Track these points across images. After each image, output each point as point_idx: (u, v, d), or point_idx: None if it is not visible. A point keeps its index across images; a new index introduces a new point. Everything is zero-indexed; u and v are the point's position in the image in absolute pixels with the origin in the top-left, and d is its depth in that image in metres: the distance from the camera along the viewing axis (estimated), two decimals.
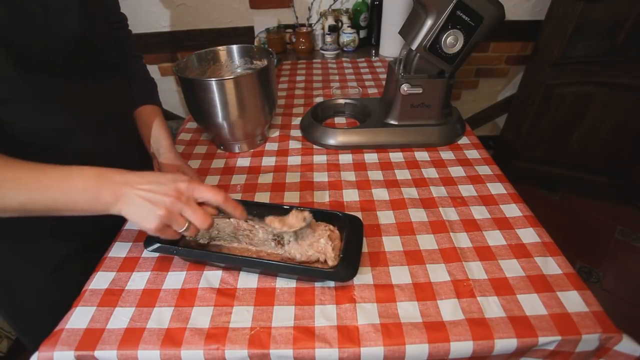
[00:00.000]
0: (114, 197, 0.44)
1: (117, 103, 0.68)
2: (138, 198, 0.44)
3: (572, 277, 0.52)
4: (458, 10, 0.71)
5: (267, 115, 0.83)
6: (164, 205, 0.44)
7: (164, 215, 0.44)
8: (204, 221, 0.46)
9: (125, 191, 0.44)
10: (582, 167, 1.75)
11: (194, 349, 0.45)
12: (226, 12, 1.64)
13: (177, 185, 0.46)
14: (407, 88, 0.79)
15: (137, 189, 0.44)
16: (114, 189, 0.44)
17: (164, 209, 0.44)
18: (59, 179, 0.44)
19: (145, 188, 0.45)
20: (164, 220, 0.44)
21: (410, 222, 0.63)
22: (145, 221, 0.44)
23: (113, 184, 0.45)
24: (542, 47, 1.58)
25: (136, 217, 0.45)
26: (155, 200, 0.44)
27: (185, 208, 0.45)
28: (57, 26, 0.52)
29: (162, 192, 0.45)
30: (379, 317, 0.48)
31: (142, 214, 0.44)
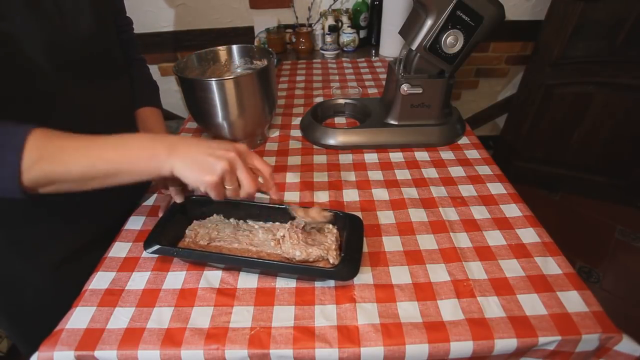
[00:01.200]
0: (168, 153, 0.45)
1: (120, 104, 0.68)
2: (198, 153, 0.46)
3: (572, 277, 0.52)
4: (458, 10, 0.71)
5: (267, 115, 0.83)
6: (227, 158, 0.46)
7: (226, 167, 0.46)
8: (253, 185, 0.48)
9: (180, 147, 0.46)
10: (582, 167, 1.75)
11: (194, 349, 0.45)
12: (226, 12, 1.64)
13: (237, 146, 0.48)
14: (407, 88, 0.79)
15: (195, 145, 0.46)
16: (168, 146, 0.46)
17: (227, 161, 0.46)
18: (114, 143, 0.45)
19: (204, 144, 0.47)
20: (225, 173, 0.46)
21: (410, 222, 0.63)
22: (206, 173, 0.45)
23: (167, 142, 0.46)
24: (542, 47, 1.58)
25: (194, 171, 0.45)
26: (218, 154, 0.46)
27: (241, 166, 0.47)
28: (70, 27, 0.53)
29: (223, 147, 0.47)
30: (379, 317, 0.48)
31: (202, 166, 0.45)
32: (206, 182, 0.46)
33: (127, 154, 0.45)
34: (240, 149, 0.48)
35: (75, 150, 0.44)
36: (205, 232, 0.60)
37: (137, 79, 0.75)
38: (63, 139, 0.44)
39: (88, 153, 0.44)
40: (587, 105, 1.58)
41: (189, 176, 0.46)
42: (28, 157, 0.40)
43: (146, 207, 0.69)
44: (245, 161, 0.48)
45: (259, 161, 0.50)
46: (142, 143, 0.46)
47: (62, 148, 0.43)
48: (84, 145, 0.44)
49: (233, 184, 0.48)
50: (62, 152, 0.43)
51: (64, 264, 0.62)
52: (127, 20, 0.77)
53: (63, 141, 0.43)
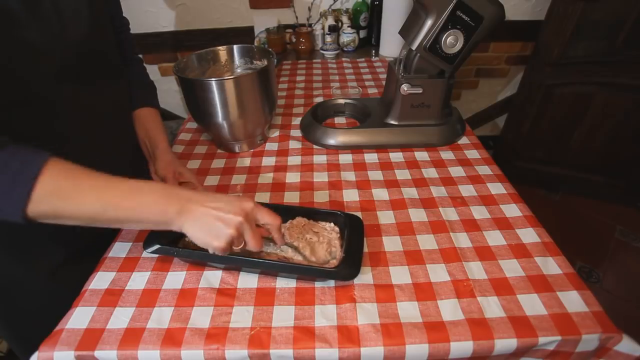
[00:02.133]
0: (179, 211, 0.45)
1: (118, 105, 0.68)
2: (206, 216, 0.45)
3: (572, 277, 0.52)
4: (458, 10, 0.71)
5: (267, 115, 0.83)
6: (235, 225, 0.46)
7: (234, 234, 0.46)
8: (258, 246, 0.48)
9: (191, 207, 0.45)
10: (582, 167, 1.75)
11: (194, 349, 0.45)
12: (226, 12, 1.64)
13: (243, 205, 0.47)
14: (407, 88, 0.79)
15: (205, 206, 0.46)
16: (180, 204, 0.45)
17: (234, 228, 0.46)
18: (131, 191, 0.45)
19: (213, 206, 0.46)
20: (233, 238, 0.46)
21: (410, 222, 0.63)
22: (214, 239, 0.45)
23: (179, 198, 0.46)
24: (542, 47, 1.58)
25: (203, 234, 0.45)
26: (226, 219, 0.45)
27: (248, 229, 0.47)
28: (69, 30, 0.53)
29: (232, 212, 0.46)
30: (379, 317, 0.48)
31: (210, 231, 0.45)
32: (214, 247, 0.46)
33: (140, 206, 0.44)
34: (247, 210, 0.47)
35: (90, 192, 0.43)
36: None
37: (134, 80, 0.75)
38: (79, 177, 0.43)
39: (102, 197, 0.43)
40: (587, 105, 1.58)
41: (197, 239, 0.46)
42: (40, 189, 0.39)
43: None
44: (252, 221, 0.48)
45: (266, 217, 0.50)
46: (156, 196, 0.45)
47: (77, 187, 0.42)
48: (98, 187, 0.43)
49: (240, 245, 0.48)
50: (77, 191, 0.42)
51: (61, 268, 0.62)
52: (124, 21, 0.76)
53: (78, 179, 0.43)
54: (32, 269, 0.61)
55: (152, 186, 0.46)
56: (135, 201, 0.44)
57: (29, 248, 0.60)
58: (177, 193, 0.47)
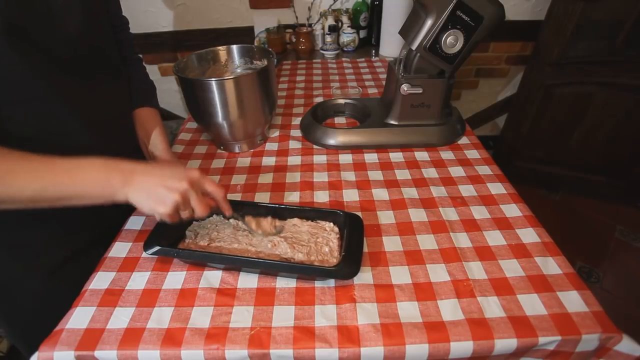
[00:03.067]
0: (123, 182, 0.46)
1: (118, 105, 0.68)
2: (151, 184, 0.47)
3: (572, 277, 0.52)
4: (458, 10, 0.71)
5: (267, 115, 0.83)
6: (179, 191, 0.47)
7: (179, 200, 0.47)
8: (205, 210, 0.50)
9: (135, 177, 0.47)
10: (582, 167, 1.75)
11: (194, 349, 0.45)
12: (226, 12, 1.64)
13: (190, 174, 0.50)
14: (407, 88, 0.79)
15: (150, 175, 0.48)
16: (123, 175, 0.47)
17: (179, 193, 0.47)
18: (69, 168, 0.46)
19: (158, 174, 0.48)
20: (178, 205, 0.48)
21: (410, 222, 0.63)
22: (159, 204, 0.47)
23: (122, 170, 0.47)
24: (542, 47, 1.58)
25: (149, 201, 0.47)
26: (170, 186, 0.47)
27: (194, 196, 0.49)
28: (60, 26, 0.53)
29: (176, 178, 0.48)
30: (379, 317, 0.48)
31: (156, 198, 0.47)
32: (160, 213, 0.48)
33: (81, 179, 0.46)
34: (192, 178, 0.49)
35: (26, 174, 0.44)
36: (205, 232, 0.60)
37: (134, 79, 0.75)
38: (13, 160, 0.44)
39: (40, 176, 0.44)
40: (587, 105, 1.58)
41: (143, 206, 0.48)
42: None
43: None
44: (198, 189, 0.50)
45: (212, 186, 0.52)
46: (96, 170, 0.47)
47: (11, 171, 0.43)
48: (36, 167, 0.44)
49: (186, 210, 0.50)
50: (11, 175, 0.43)
51: (61, 267, 0.62)
52: (123, 20, 0.76)
53: (12, 163, 0.44)
54: (31, 268, 0.61)
55: (92, 161, 0.47)
56: (75, 176, 0.46)
57: (29, 247, 0.60)
58: (119, 165, 0.48)
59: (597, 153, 1.66)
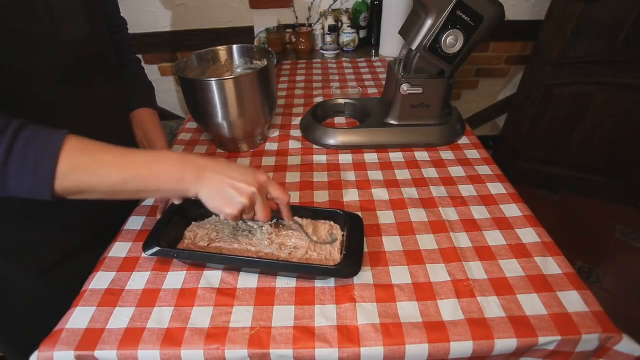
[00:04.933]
0: (196, 179, 0.47)
1: (116, 106, 0.68)
2: (222, 184, 0.47)
3: (572, 277, 0.52)
4: (458, 10, 0.71)
5: (267, 115, 0.83)
6: (248, 194, 0.48)
7: (246, 203, 0.47)
8: (267, 218, 0.51)
9: (207, 175, 0.47)
10: (582, 167, 1.75)
11: (194, 349, 0.45)
12: (226, 12, 1.64)
13: (258, 177, 0.49)
14: (407, 88, 0.79)
15: (221, 174, 0.47)
16: (196, 171, 0.47)
17: (248, 197, 0.47)
18: (148, 162, 0.46)
19: (229, 175, 0.48)
20: (245, 207, 0.48)
21: (410, 222, 0.63)
22: (227, 206, 0.47)
23: (195, 166, 0.47)
24: (542, 47, 1.58)
25: (217, 201, 0.47)
26: (240, 188, 0.47)
27: (260, 200, 0.49)
28: (64, 31, 0.53)
29: (246, 181, 0.48)
30: (379, 317, 0.48)
31: (224, 198, 0.47)
32: (226, 213, 0.48)
33: (158, 174, 0.46)
34: (261, 181, 0.49)
35: (111, 164, 0.44)
36: (204, 233, 0.60)
37: (132, 80, 0.75)
38: (98, 151, 0.44)
39: (122, 169, 0.44)
40: (587, 105, 1.58)
41: (212, 205, 0.48)
42: (63, 166, 0.40)
43: (146, 207, 0.69)
44: (265, 193, 0.50)
45: (278, 191, 0.52)
46: (173, 165, 0.47)
47: (98, 160, 0.43)
48: (118, 159, 0.45)
49: (250, 214, 0.50)
50: (98, 164, 0.43)
51: (54, 268, 0.62)
52: (122, 21, 0.76)
53: (98, 153, 0.44)
54: (24, 268, 0.60)
55: (168, 155, 0.48)
56: (154, 170, 0.46)
57: (19, 249, 0.59)
58: (193, 160, 0.48)
59: (597, 153, 1.66)
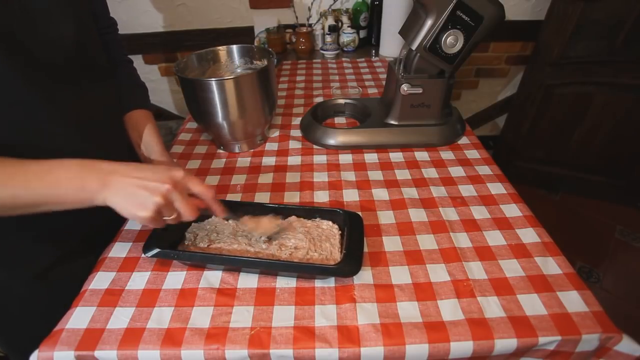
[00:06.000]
0: (101, 185, 0.44)
1: (106, 107, 0.66)
2: (130, 186, 0.44)
3: (572, 277, 0.52)
4: (458, 10, 0.71)
5: (267, 115, 0.83)
6: (160, 192, 0.44)
7: (161, 202, 0.44)
8: (193, 213, 0.47)
9: (114, 179, 0.44)
10: (582, 167, 1.75)
11: (194, 349, 0.45)
12: (226, 12, 1.64)
13: (173, 174, 0.46)
14: (407, 88, 0.79)
15: (129, 176, 0.44)
16: (100, 177, 0.44)
17: (161, 195, 0.44)
18: (40, 172, 0.43)
19: (138, 175, 0.44)
20: (160, 207, 0.44)
21: (410, 222, 0.63)
22: (139, 208, 0.44)
23: (99, 171, 0.44)
24: (542, 47, 1.58)
25: (128, 205, 0.44)
26: (151, 187, 0.44)
27: (178, 197, 0.46)
28: (55, 32, 0.52)
29: (158, 179, 0.45)
30: (379, 317, 0.48)
31: (135, 201, 0.44)
32: (140, 217, 0.44)
33: (53, 183, 0.43)
34: (176, 178, 0.46)
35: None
36: (204, 234, 0.60)
37: (125, 81, 0.73)
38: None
39: (9, 183, 0.42)
40: (587, 105, 1.58)
41: (122, 211, 0.44)
42: None
43: None
44: (183, 190, 0.47)
45: (199, 186, 0.48)
46: (70, 173, 0.44)
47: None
48: (5, 172, 0.42)
49: (171, 214, 0.46)
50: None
51: (48, 272, 0.61)
52: (111, 22, 0.74)
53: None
54: (17, 274, 0.59)
55: (65, 163, 0.44)
56: (47, 180, 0.43)
57: (13, 253, 0.58)
58: (96, 166, 0.45)
59: (597, 153, 1.66)
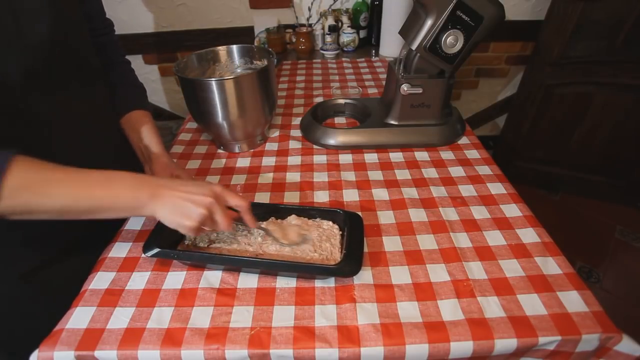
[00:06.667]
0: (150, 196, 0.47)
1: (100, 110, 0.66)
2: (177, 199, 0.47)
3: (572, 277, 0.52)
4: (458, 10, 0.71)
5: (267, 115, 0.83)
6: (205, 205, 0.48)
7: (205, 214, 0.48)
8: (228, 227, 0.51)
9: (162, 192, 0.48)
10: (582, 167, 1.75)
11: (194, 349, 0.45)
12: (226, 12, 1.64)
13: (213, 188, 0.50)
14: (407, 88, 0.79)
15: (177, 190, 0.48)
16: (151, 189, 0.47)
17: (205, 208, 0.48)
18: (101, 180, 0.46)
19: (183, 189, 0.48)
20: (204, 219, 0.48)
21: (410, 222, 0.63)
22: (186, 219, 0.47)
23: (150, 184, 0.48)
24: (542, 47, 1.58)
25: (175, 215, 0.48)
26: (197, 200, 0.48)
27: (219, 210, 0.49)
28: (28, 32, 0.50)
29: (202, 193, 0.48)
30: (379, 317, 0.48)
31: (182, 212, 0.47)
32: (186, 227, 0.48)
33: (112, 193, 0.46)
34: (217, 192, 0.50)
35: (61, 183, 0.43)
36: (204, 234, 0.60)
37: (122, 83, 0.73)
38: (48, 170, 0.43)
39: (73, 188, 0.44)
40: (587, 105, 1.58)
41: (170, 220, 0.48)
42: (10, 185, 0.40)
43: None
44: (223, 202, 0.50)
45: (235, 199, 0.52)
46: (127, 184, 0.47)
47: (47, 180, 0.43)
48: (69, 178, 0.44)
49: (211, 226, 0.50)
50: (47, 184, 0.43)
51: (36, 274, 0.60)
52: (107, 22, 0.73)
53: (48, 172, 0.43)
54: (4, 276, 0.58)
55: (122, 174, 0.47)
56: (107, 189, 0.46)
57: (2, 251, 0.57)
58: (147, 179, 0.49)
59: (597, 153, 1.66)
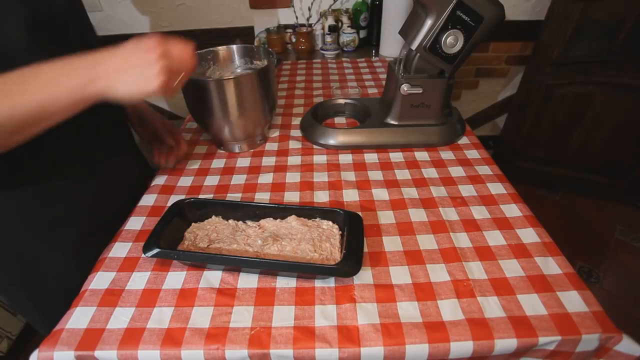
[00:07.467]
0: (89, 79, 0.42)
1: None
2: (124, 67, 0.42)
3: (572, 277, 0.52)
4: (458, 10, 0.71)
5: (267, 115, 0.83)
6: (156, 52, 0.43)
7: (165, 63, 0.43)
8: (192, 58, 0.47)
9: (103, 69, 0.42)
10: (582, 167, 1.75)
11: (194, 349, 0.45)
12: (226, 12, 1.65)
13: (151, 39, 0.45)
14: (407, 88, 0.79)
15: (116, 58, 0.43)
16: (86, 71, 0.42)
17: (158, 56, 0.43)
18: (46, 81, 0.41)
19: (122, 55, 0.43)
20: (166, 71, 0.44)
21: (410, 222, 0.63)
22: (148, 82, 0.43)
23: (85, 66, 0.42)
24: (542, 47, 1.58)
25: (134, 84, 0.43)
26: (145, 57, 0.43)
27: (171, 51, 0.45)
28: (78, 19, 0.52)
29: (144, 50, 0.43)
30: (379, 317, 0.48)
31: (140, 77, 0.43)
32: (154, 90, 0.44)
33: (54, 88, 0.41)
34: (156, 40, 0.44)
35: None
36: (204, 234, 0.60)
37: None
38: None
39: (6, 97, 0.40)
40: (587, 105, 1.58)
41: (131, 93, 0.44)
42: None
43: (146, 207, 0.69)
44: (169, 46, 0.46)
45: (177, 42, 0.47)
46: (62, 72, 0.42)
47: None
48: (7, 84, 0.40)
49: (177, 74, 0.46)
50: None
51: (83, 246, 0.62)
52: None
53: None
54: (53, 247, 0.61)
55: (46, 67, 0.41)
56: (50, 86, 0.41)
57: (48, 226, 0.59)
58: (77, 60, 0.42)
59: (597, 153, 1.66)
